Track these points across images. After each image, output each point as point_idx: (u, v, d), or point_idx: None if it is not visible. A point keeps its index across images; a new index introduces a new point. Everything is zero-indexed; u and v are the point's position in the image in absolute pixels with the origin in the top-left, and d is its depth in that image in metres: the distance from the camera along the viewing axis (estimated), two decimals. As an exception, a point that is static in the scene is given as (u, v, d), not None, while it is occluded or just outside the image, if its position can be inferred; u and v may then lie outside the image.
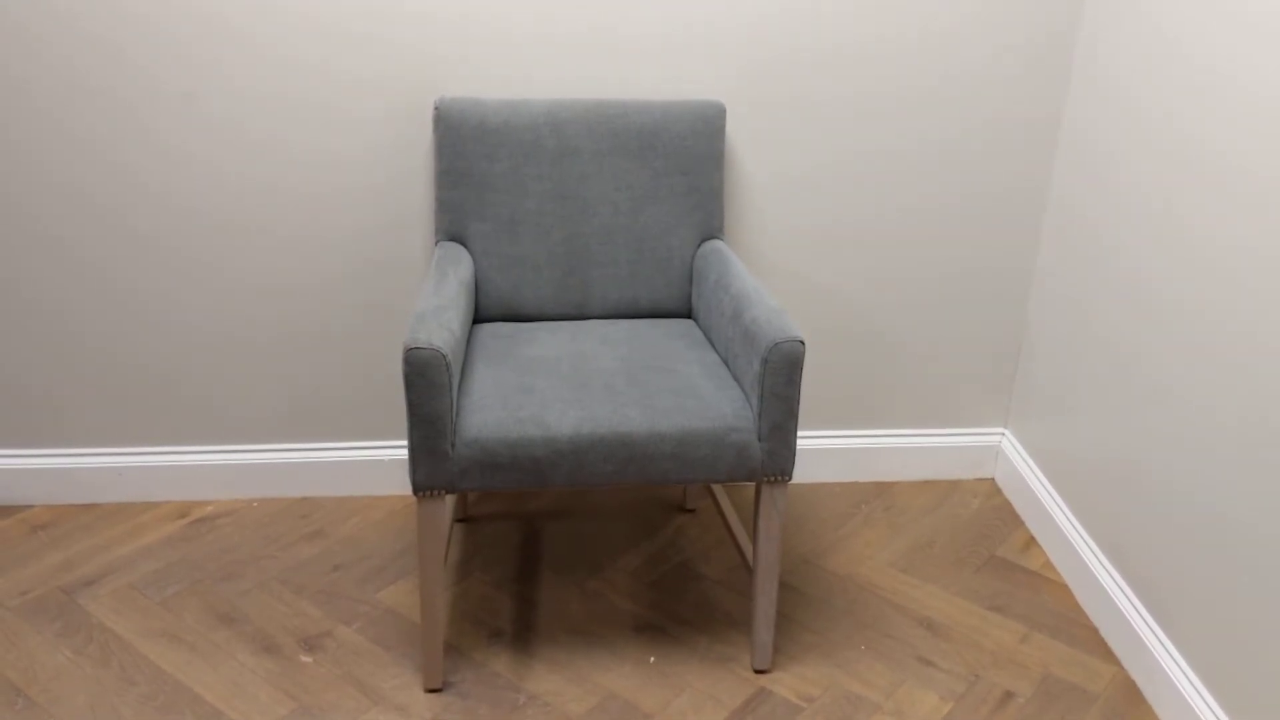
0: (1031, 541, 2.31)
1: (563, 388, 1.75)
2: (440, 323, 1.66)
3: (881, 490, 2.50)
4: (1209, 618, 1.72)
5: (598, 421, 1.68)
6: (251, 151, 2.09)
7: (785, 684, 1.88)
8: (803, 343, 1.66)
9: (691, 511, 2.38)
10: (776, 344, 1.66)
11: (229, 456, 2.34)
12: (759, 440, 1.71)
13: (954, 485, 2.53)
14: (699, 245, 2.07)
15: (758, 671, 1.91)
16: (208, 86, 2.03)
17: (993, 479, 2.55)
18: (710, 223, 2.07)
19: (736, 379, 1.81)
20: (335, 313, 2.23)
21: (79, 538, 2.22)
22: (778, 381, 1.67)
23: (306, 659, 1.91)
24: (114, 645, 1.92)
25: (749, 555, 1.96)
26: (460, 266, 1.92)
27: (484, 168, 1.98)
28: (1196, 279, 1.75)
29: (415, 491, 1.67)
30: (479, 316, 2.06)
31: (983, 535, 2.33)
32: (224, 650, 1.92)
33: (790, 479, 1.75)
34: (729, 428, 1.70)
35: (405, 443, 2.37)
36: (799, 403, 1.69)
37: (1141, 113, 1.91)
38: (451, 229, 2.01)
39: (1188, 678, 1.76)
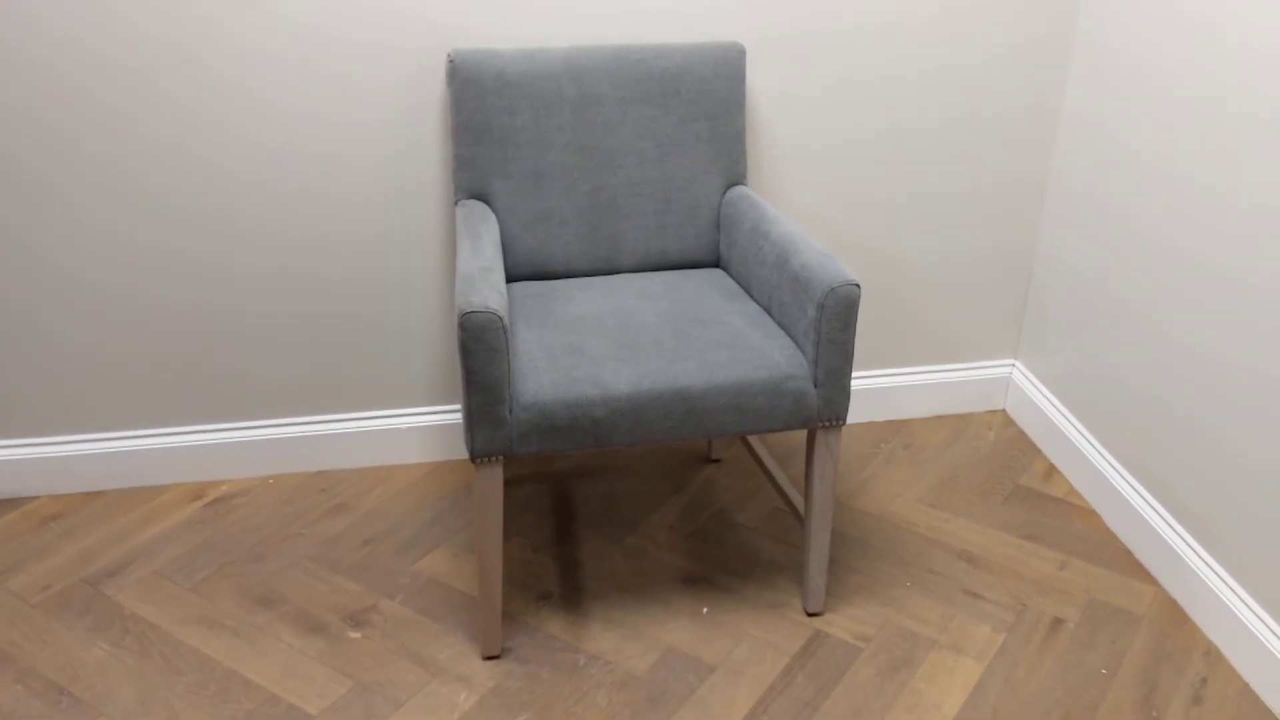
0: (1052, 470, 2.34)
1: (612, 346, 1.71)
2: (489, 284, 1.61)
3: (898, 428, 2.51)
4: (1247, 527, 1.77)
5: (655, 378, 1.65)
6: (256, 114, 1.99)
7: (840, 626, 1.89)
8: (858, 285, 1.65)
9: (717, 461, 2.37)
10: (833, 289, 1.64)
11: (240, 433, 2.26)
12: (814, 387, 1.70)
13: (967, 419, 2.55)
14: (724, 192, 2.04)
15: (811, 615, 1.91)
16: (212, 49, 1.93)
17: (1004, 410, 2.58)
18: (735, 168, 2.03)
19: (783, 326, 1.79)
20: (343, 279, 2.16)
21: (93, 527, 2.13)
22: (834, 327, 1.66)
23: (355, 635, 1.86)
24: (152, 635, 1.86)
25: (792, 500, 1.96)
26: (490, 225, 1.86)
27: (504, 121, 1.91)
28: (1217, 197, 1.76)
29: (473, 458, 1.63)
30: (506, 276, 2.00)
31: (1003, 466, 2.36)
32: (268, 633, 1.87)
33: (845, 423, 1.74)
34: (785, 375, 1.68)
35: (422, 410, 2.32)
36: (854, 346, 1.68)
37: (1157, 23, 1.91)
38: (472, 187, 1.95)
39: (1231, 589, 1.81)
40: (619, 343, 1.72)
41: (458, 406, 2.33)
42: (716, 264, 2.08)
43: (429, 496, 2.24)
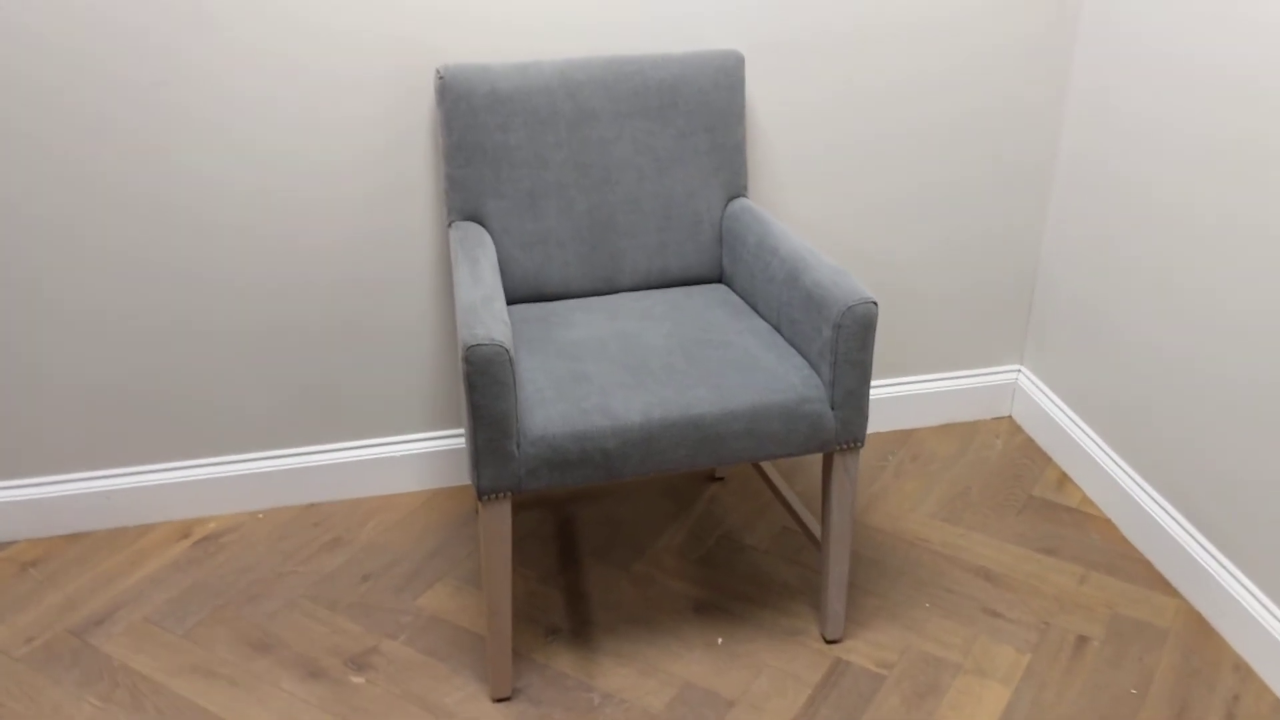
0: (1064, 478, 2.29)
1: (619, 372, 1.64)
2: (493, 314, 1.53)
3: (904, 439, 2.46)
4: (1273, 534, 1.72)
5: (667, 405, 1.58)
6: (234, 147, 1.90)
7: (860, 652, 1.83)
8: (875, 303, 1.58)
9: (721, 480, 2.30)
10: (850, 308, 1.57)
11: (226, 468, 2.17)
12: (832, 409, 1.64)
13: (973, 427, 2.50)
14: (726, 205, 1.97)
15: (830, 642, 1.85)
16: (179, 77, 1.84)
17: (1010, 417, 2.53)
18: (736, 180, 1.96)
19: (795, 346, 1.73)
20: (331, 303, 2.08)
21: (76, 572, 2.04)
22: (851, 347, 1.60)
23: (358, 680, 1.79)
24: (144, 688, 1.77)
25: (803, 518, 1.90)
26: (487, 248, 1.79)
27: (498, 139, 1.84)
28: (1223, 194, 1.72)
29: (480, 496, 1.55)
30: (501, 299, 1.93)
31: (1015, 476, 2.31)
32: (266, 680, 1.79)
33: (863, 445, 1.68)
34: (801, 398, 1.62)
35: (417, 436, 2.24)
36: (871, 365, 1.62)
37: (1159, 27, 1.86)
38: (466, 208, 1.87)
39: (1259, 600, 1.76)
40: (626, 368, 1.65)
41: (454, 432, 2.26)
42: (719, 280, 2.01)
43: (428, 527, 2.16)
